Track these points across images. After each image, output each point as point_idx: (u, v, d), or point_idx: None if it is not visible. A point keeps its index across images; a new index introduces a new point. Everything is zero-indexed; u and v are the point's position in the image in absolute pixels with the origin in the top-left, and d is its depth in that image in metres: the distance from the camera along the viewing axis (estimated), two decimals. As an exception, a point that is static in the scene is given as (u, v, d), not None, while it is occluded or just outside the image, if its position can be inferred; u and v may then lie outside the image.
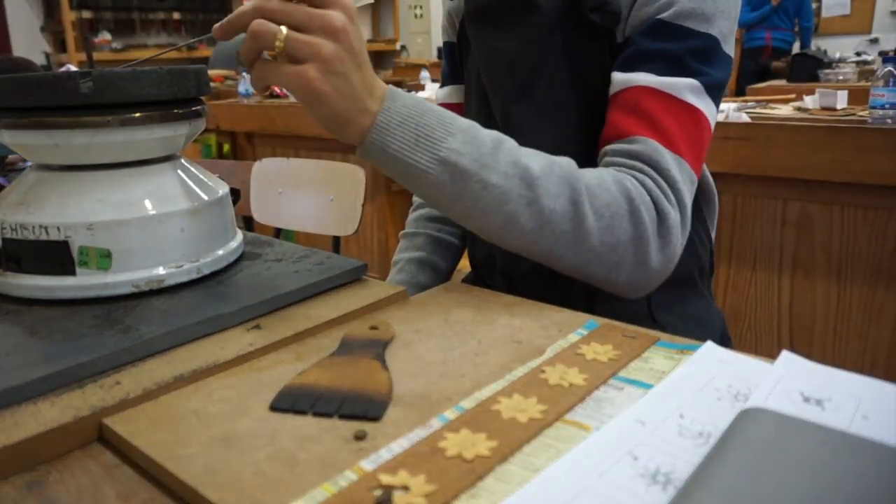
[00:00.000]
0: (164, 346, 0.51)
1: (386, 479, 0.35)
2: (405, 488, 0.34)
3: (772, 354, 0.46)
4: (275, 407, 0.43)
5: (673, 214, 0.61)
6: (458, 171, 0.56)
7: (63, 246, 0.57)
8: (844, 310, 1.56)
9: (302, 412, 0.42)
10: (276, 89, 3.04)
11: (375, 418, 0.41)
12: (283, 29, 0.51)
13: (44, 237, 0.57)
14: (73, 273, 0.57)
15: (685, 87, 0.64)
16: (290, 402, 0.43)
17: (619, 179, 0.61)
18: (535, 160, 0.59)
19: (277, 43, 0.51)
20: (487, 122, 0.83)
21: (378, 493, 0.34)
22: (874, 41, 5.11)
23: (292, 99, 2.84)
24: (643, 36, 0.66)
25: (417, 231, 0.93)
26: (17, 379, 0.44)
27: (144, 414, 0.43)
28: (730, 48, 0.68)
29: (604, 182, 0.60)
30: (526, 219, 0.58)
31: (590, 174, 0.61)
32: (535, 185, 0.57)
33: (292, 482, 0.35)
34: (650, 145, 0.62)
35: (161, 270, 0.59)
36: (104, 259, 0.57)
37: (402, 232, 0.96)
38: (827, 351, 1.60)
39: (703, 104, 0.65)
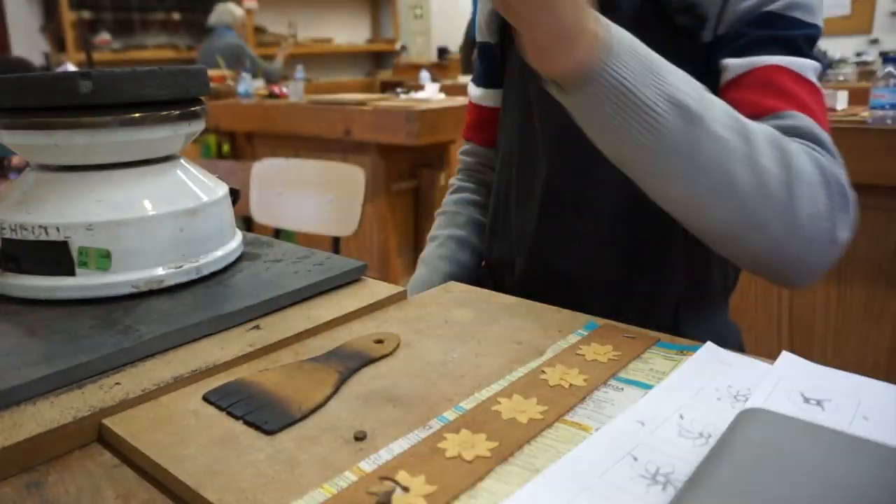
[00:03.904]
0: (164, 346, 0.51)
1: (386, 479, 0.35)
2: (405, 489, 0.34)
3: (772, 354, 0.46)
4: (205, 398, 0.44)
5: (850, 189, 0.57)
6: (688, 114, 0.49)
7: (63, 246, 0.57)
8: (845, 310, 1.56)
9: (220, 408, 0.43)
10: (277, 89, 3.04)
11: (270, 431, 0.40)
12: None
13: (43, 237, 0.57)
14: (72, 273, 0.57)
15: (809, 68, 0.62)
16: (221, 396, 0.44)
17: (804, 149, 0.56)
18: (740, 113, 0.53)
19: None
20: (526, 135, 0.79)
21: (378, 493, 0.34)
22: (874, 41, 5.11)
23: (293, 98, 2.84)
24: (752, 27, 0.64)
25: (459, 211, 0.91)
26: (17, 379, 0.44)
27: (144, 414, 0.43)
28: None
29: (800, 148, 0.55)
30: (744, 178, 0.51)
31: (788, 140, 0.56)
32: (751, 140, 0.51)
33: (292, 482, 0.35)
34: (804, 120, 0.58)
35: (161, 270, 0.59)
36: (104, 259, 0.57)
37: (438, 210, 0.93)
38: (827, 351, 1.60)
39: (820, 87, 0.63)
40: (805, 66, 0.62)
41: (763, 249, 0.56)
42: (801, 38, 0.63)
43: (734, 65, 0.64)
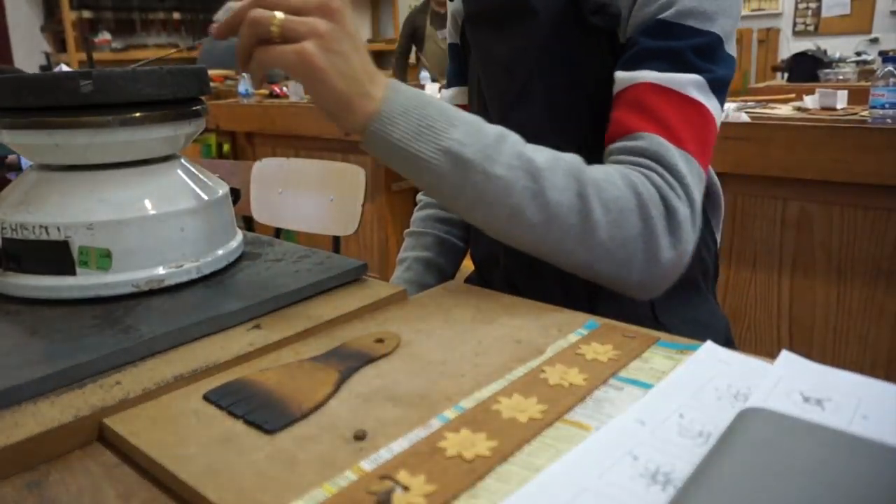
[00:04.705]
0: (164, 346, 0.51)
1: (386, 479, 0.35)
2: (405, 488, 0.34)
3: (772, 354, 0.46)
4: (206, 397, 0.44)
5: (682, 209, 0.61)
6: (461, 161, 0.56)
7: (63, 246, 0.57)
8: (844, 310, 1.56)
9: (220, 407, 0.43)
10: (277, 89, 3.04)
11: (270, 431, 0.40)
12: (279, 13, 0.51)
13: (44, 237, 0.57)
14: (73, 273, 0.57)
15: (689, 83, 0.63)
16: (221, 395, 0.44)
17: (625, 174, 0.60)
18: (540, 153, 0.58)
19: (273, 28, 0.51)
20: None
21: (378, 492, 0.34)
22: (874, 41, 5.11)
23: (293, 98, 2.84)
24: (644, 35, 0.65)
25: (425, 231, 0.93)
26: (17, 379, 0.44)
27: (144, 414, 0.43)
28: (732, 47, 0.68)
29: (610, 177, 0.59)
30: (532, 212, 0.57)
31: (595, 169, 0.60)
32: (540, 178, 0.57)
33: (292, 482, 0.35)
34: (655, 141, 0.62)
35: (161, 270, 0.59)
36: (104, 259, 0.57)
37: (407, 230, 0.96)
38: (827, 351, 1.60)
39: (708, 100, 0.65)
40: (682, 81, 0.63)
41: (578, 269, 0.61)
42: (689, 49, 0.64)
43: (618, 79, 0.66)
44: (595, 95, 0.71)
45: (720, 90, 0.66)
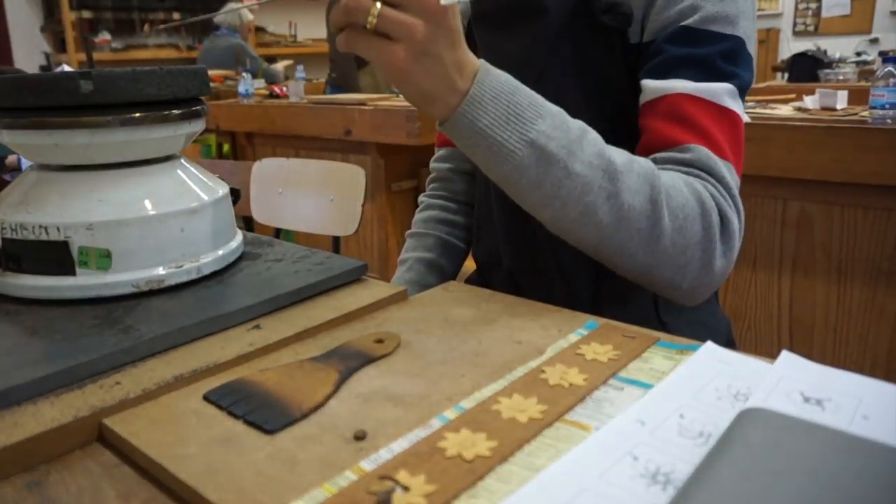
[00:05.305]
0: (164, 346, 0.51)
1: (386, 479, 0.35)
2: (405, 488, 0.34)
3: (772, 354, 0.46)
4: (206, 397, 0.44)
5: (734, 219, 0.62)
6: (545, 154, 0.55)
7: (63, 246, 0.57)
8: (844, 310, 1.56)
9: (220, 407, 0.43)
10: (277, 89, 3.04)
11: (270, 431, 0.40)
12: (378, 4, 0.50)
13: (44, 237, 0.57)
14: (73, 273, 0.57)
15: (723, 92, 0.64)
16: (221, 395, 0.44)
17: (689, 182, 0.61)
18: (618, 153, 0.58)
19: (370, 19, 0.50)
20: None
21: (378, 492, 0.34)
22: (874, 41, 5.11)
23: (293, 98, 2.84)
24: (670, 43, 0.65)
25: (427, 232, 0.93)
26: (17, 379, 0.44)
27: (144, 414, 0.43)
28: (752, 48, 0.68)
29: (676, 183, 0.60)
30: (604, 212, 0.57)
31: (665, 175, 0.60)
32: (618, 179, 0.57)
33: (292, 482, 0.35)
34: (702, 153, 0.62)
35: (161, 270, 0.59)
36: (104, 259, 0.57)
37: (409, 231, 0.96)
38: (827, 351, 1.60)
39: (737, 106, 0.65)
40: (716, 91, 0.64)
41: (635, 272, 0.61)
42: (717, 56, 0.64)
43: (648, 88, 0.66)
44: (603, 93, 0.70)
45: (744, 94, 0.67)
